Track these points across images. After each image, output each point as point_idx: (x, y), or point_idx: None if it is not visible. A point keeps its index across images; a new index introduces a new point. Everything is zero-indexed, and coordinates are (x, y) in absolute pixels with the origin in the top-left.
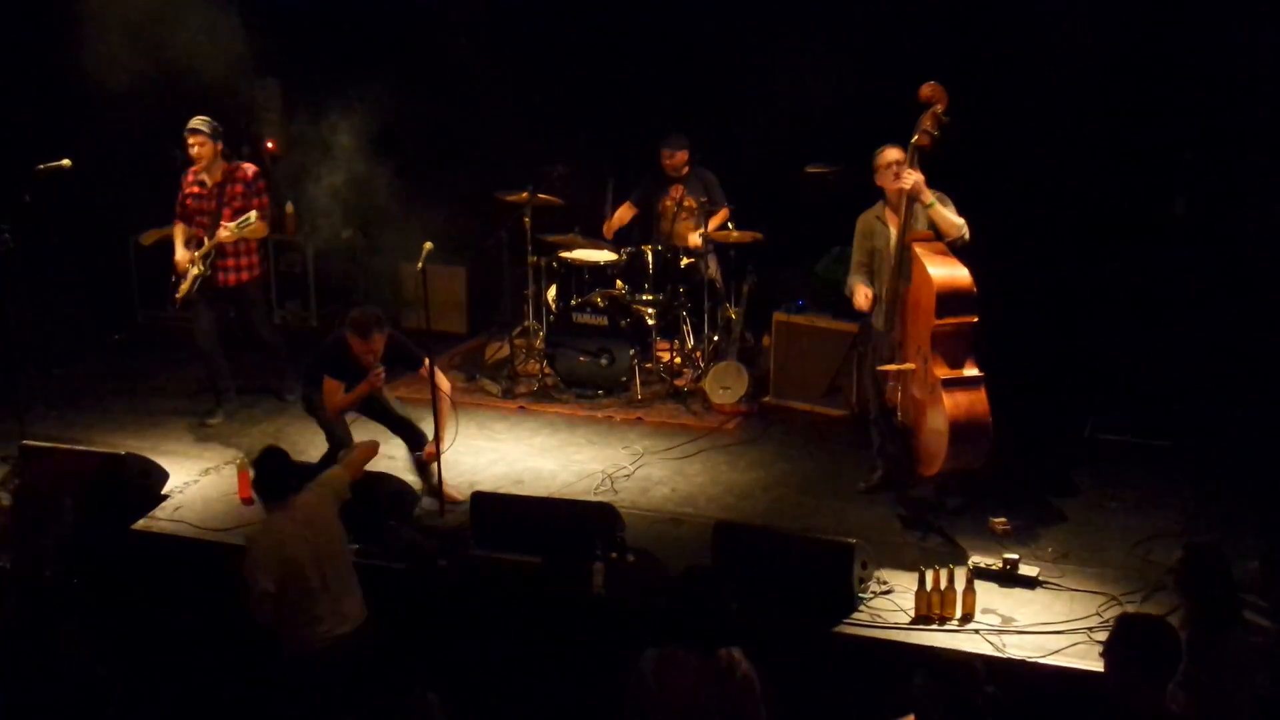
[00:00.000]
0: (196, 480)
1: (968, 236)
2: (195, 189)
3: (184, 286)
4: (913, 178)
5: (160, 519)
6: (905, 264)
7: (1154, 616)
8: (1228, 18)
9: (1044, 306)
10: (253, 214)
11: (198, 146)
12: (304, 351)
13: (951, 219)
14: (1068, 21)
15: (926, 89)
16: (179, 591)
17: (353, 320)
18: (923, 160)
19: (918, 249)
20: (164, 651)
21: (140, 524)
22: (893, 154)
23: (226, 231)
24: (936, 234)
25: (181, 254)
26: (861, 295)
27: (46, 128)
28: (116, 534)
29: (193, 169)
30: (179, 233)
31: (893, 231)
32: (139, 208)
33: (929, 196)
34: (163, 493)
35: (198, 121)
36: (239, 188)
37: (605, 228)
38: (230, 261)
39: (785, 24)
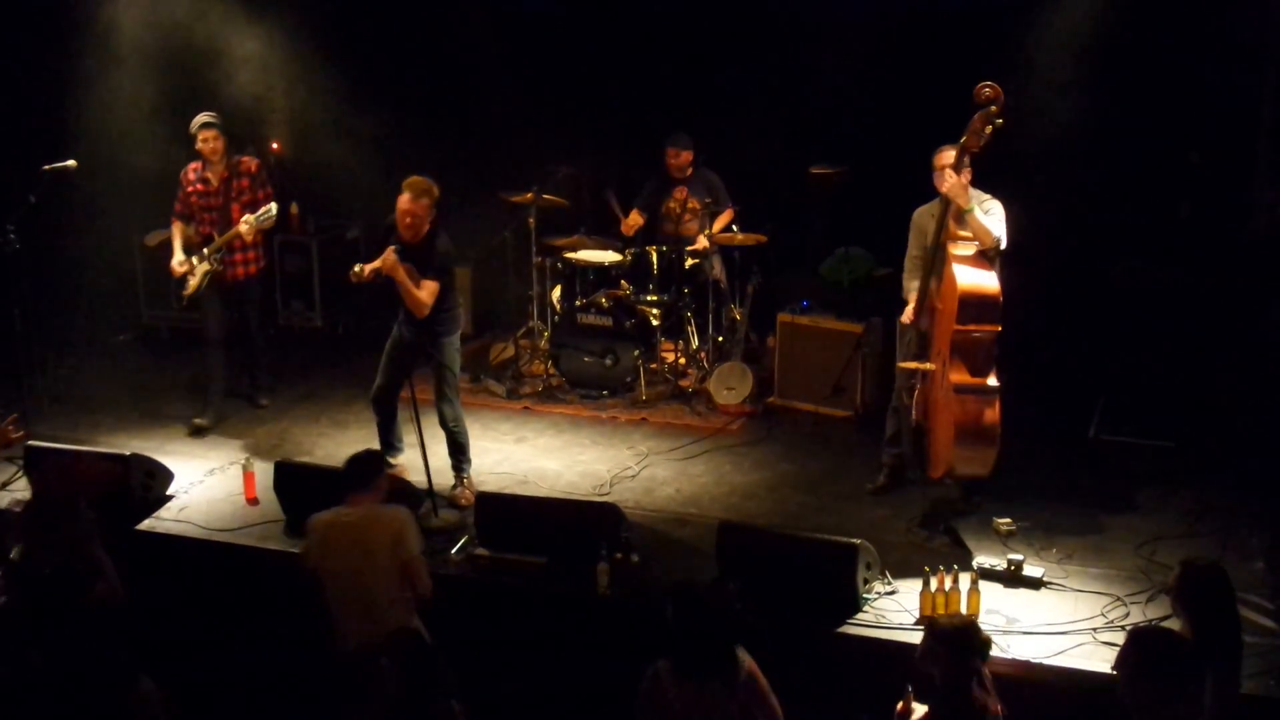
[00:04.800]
0: (202, 481)
1: (1004, 246)
2: (199, 186)
3: (193, 283)
4: (949, 181)
5: (165, 520)
6: (939, 263)
7: (1167, 629)
8: (1232, 20)
9: (1048, 308)
10: (272, 206)
11: (211, 140)
12: (305, 351)
13: (987, 228)
14: (1070, 25)
15: (987, 89)
16: (184, 593)
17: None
18: (972, 162)
19: (951, 250)
20: (169, 653)
21: (145, 525)
22: (946, 157)
23: (246, 226)
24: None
25: (180, 256)
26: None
27: (52, 128)
28: (121, 535)
29: (193, 166)
30: (178, 233)
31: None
32: (145, 209)
33: (966, 202)
34: (168, 494)
35: (208, 116)
36: (245, 181)
37: (624, 227)
38: (239, 256)
39: (790, 24)
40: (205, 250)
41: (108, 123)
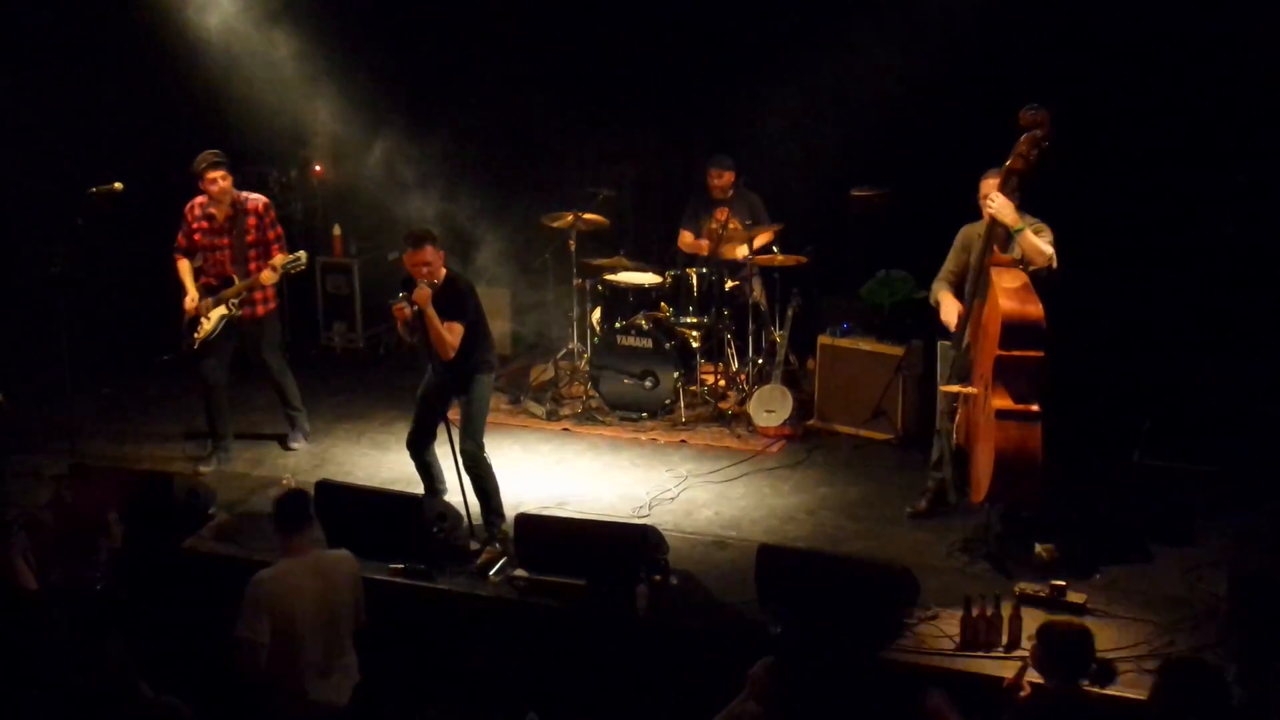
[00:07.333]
0: (244, 500)
1: (1055, 266)
2: (204, 223)
3: (207, 327)
4: (996, 203)
5: (206, 539)
6: (982, 287)
7: (1201, 660)
8: None
9: (1093, 330)
10: (302, 255)
11: (220, 180)
12: (346, 372)
13: (1040, 247)
14: (1116, 42)
15: (1026, 115)
16: (224, 613)
17: (405, 234)
18: (1020, 185)
19: (994, 275)
20: (207, 673)
21: (187, 544)
22: (989, 184)
23: (273, 273)
24: (1024, 261)
25: (193, 293)
26: (949, 310)
27: (99, 150)
28: (166, 553)
29: (199, 201)
30: (187, 270)
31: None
32: None
33: (1016, 221)
34: (209, 513)
35: (215, 155)
36: (252, 220)
37: (685, 245)
38: (259, 294)
39: (831, 47)
40: (224, 294)
41: (153, 145)
